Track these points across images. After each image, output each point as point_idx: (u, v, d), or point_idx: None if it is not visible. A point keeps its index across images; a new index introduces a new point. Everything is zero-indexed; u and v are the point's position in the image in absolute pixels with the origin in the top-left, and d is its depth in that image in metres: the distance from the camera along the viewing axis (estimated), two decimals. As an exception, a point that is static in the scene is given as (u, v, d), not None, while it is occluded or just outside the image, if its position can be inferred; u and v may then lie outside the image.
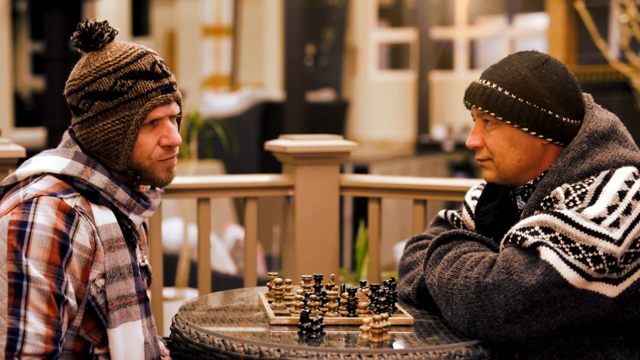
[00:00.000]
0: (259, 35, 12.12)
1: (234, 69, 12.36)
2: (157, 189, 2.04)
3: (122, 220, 1.95)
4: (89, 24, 1.93)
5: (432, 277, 1.96)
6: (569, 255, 1.79)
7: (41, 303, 1.76)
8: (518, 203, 2.09)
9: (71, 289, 1.82)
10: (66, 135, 1.99)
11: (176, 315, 2.00)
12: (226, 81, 12.48)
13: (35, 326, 1.75)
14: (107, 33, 1.94)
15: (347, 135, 10.94)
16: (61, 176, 1.89)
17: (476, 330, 1.82)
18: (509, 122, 1.99)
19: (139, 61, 1.92)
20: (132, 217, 1.98)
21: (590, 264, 1.79)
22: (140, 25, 12.39)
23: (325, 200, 3.08)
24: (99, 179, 1.90)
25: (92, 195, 1.90)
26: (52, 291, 1.77)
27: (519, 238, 1.85)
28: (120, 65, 1.91)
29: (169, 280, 5.27)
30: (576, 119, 2.02)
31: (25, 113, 12.10)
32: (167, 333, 3.02)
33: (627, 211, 1.85)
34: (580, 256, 1.79)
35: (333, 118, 10.75)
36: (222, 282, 4.72)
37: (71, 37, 1.96)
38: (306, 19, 7.85)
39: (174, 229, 5.58)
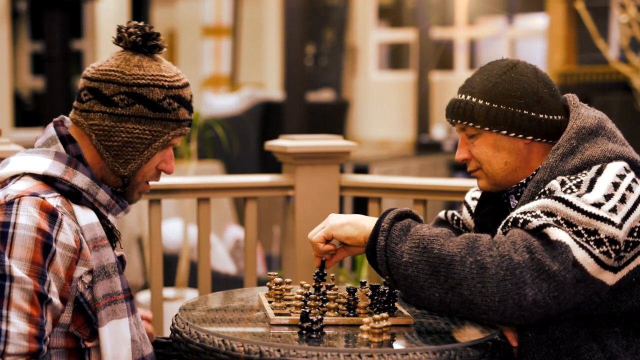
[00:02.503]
0: (259, 35, 12.12)
1: (234, 69, 12.36)
2: None
3: (102, 220, 1.96)
4: (150, 29, 1.96)
5: (408, 256, 1.85)
6: (575, 237, 1.80)
7: (24, 302, 1.76)
8: (511, 202, 2.11)
9: (54, 288, 1.81)
10: (50, 131, 1.97)
11: (176, 315, 2.00)
12: (226, 81, 12.49)
13: (17, 326, 1.74)
14: (165, 47, 1.99)
15: (347, 135, 10.95)
16: (42, 177, 1.88)
17: (505, 308, 1.78)
18: (487, 128, 2.04)
19: (185, 89, 1.99)
20: (109, 217, 1.99)
21: (594, 246, 1.80)
22: (140, 25, 12.36)
23: (325, 200, 3.08)
24: (81, 179, 1.91)
25: (74, 195, 1.90)
26: (35, 290, 1.77)
27: (520, 220, 1.85)
28: (174, 86, 1.96)
29: (169, 280, 5.28)
30: (555, 115, 2.05)
31: (25, 113, 12.10)
32: (167, 333, 3.02)
33: (622, 200, 1.87)
34: (584, 239, 1.80)
35: (333, 118, 10.75)
36: (222, 282, 4.72)
37: (128, 30, 1.96)
38: (306, 19, 7.85)
39: (174, 229, 5.58)
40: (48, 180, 1.88)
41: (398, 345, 1.80)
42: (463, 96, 2.07)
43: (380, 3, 11.98)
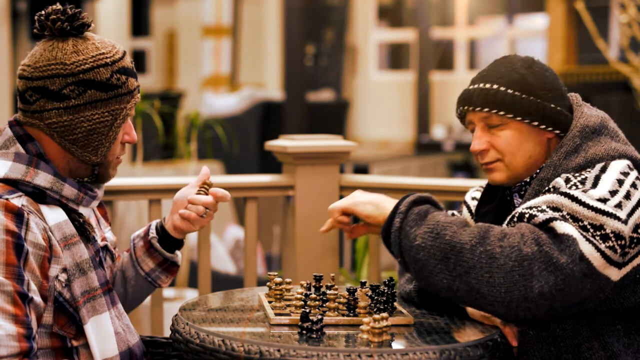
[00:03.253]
0: (259, 35, 12.12)
1: (234, 69, 12.36)
2: None
3: (73, 214, 1.93)
4: (72, 10, 1.93)
5: (421, 240, 1.85)
6: (581, 231, 1.81)
7: (7, 304, 1.75)
8: (515, 201, 2.10)
9: (33, 286, 1.80)
10: (7, 132, 1.93)
11: (176, 315, 2.00)
12: (226, 81, 12.49)
13: (5, 328, 1.73)
14: (91, 21, 1.96)
15: (347, 135, 10.94)
16: (4, 180, 1.86)
17: (511, 300, 1.78)
18: (519, 118, 2.01)
19: (125, 59, 1.96)
20: (81, 209, 1.97)
21: (600, 241, 1.80)
22: (140, 25, 12.40)
23: (325, 200, 3.08)
24: (43, 178, 1.88)
25: (38, 195, 1.87)
26: (15, 290, 1.76)
27: (527, 215, 1.85)
28: (115, 60, 1.93)
29: (169, 280, 5.26)
30: (570, 113, 2.07)
31: (25, 113, 12.04)
32: (167, 333, 3.02)
33: (627, 196, 1.87)
34: (590, 234, 1.81)
35: (333, 118, 10.75)
36: (222, 282, 4.72)
37: (50, 17, 1.91)
38: (306, 19, 7.85)
39: (174, 229, 5.56)
40: (10, 182, 1.86)
41: (398, 345, 1.80)
42: (488, 85, 2.03)
43: (380, 3, 11.98)
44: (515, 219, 1.88)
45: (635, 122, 7.05)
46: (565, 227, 1.80)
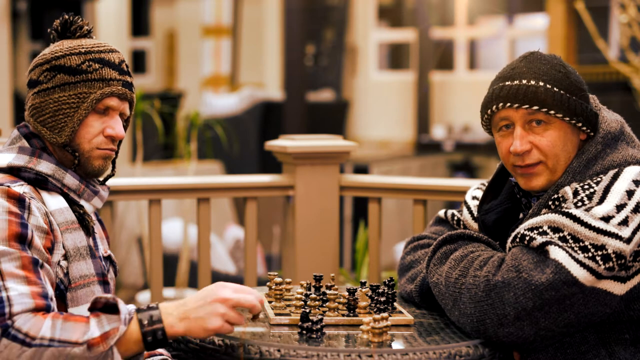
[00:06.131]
0: (259, 35, 12.12)
1: (234, 69, 12.36)
2: (105, 184, 2.11)
3: (74, 206, 1.98)
4: (72, 17, 2.05)
5: (437, 277, 1.95)
6: (579, 254, 1.80)
7: (16, 269, 1.75)
8: (532, 202, 2.07)
9: (40, 258, 1.81)
10: (14, 132, 2.02)
11: (176, 315, 1.99)
12: (226, 81, 12.48)
13: (17, 288, 1.73)
14: (87, 28, 2.05)
15: (347, 135, 10.94)
16: (7, 170, 1.92)
17: (485, 329, 1.81)
18: (567, 118, 1.95)
19: (110, 53, 2.02)
20: (83, 203, 2.01)
21: (600, 262, 1.79)
22: (140, 25, 12.39)
23: (325, 200, 3.08)
24: (46, 166, 1.95)
25: (41, 182, 1.93)
26: (23, 256, 1.76)
27: (527, 238, 1.85)
28: (93, 51, 2.00)
29: (169, 280, 5.28)
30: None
31: (25, 113, 12.02)
32: (167, 333, 3.02)
33: (636, 209, 1.85)
34: (590, 254, 1.79)
35: (333, 118, 10.74)
36: (222, 282, 4.71)
37: (54, 24, 2.05)
38: (306, 19, 7.85)
39: (174, 229, 5.58)
40: (14, 172, 1.92)
41: (398, 345, 1.80)
42: (533, 81, 1.94)
43: (380, 3, 11.98)
44: (517, 240, 1.88)
45: (635, 122, 7.03)
46: (556, 253, 1.79)
